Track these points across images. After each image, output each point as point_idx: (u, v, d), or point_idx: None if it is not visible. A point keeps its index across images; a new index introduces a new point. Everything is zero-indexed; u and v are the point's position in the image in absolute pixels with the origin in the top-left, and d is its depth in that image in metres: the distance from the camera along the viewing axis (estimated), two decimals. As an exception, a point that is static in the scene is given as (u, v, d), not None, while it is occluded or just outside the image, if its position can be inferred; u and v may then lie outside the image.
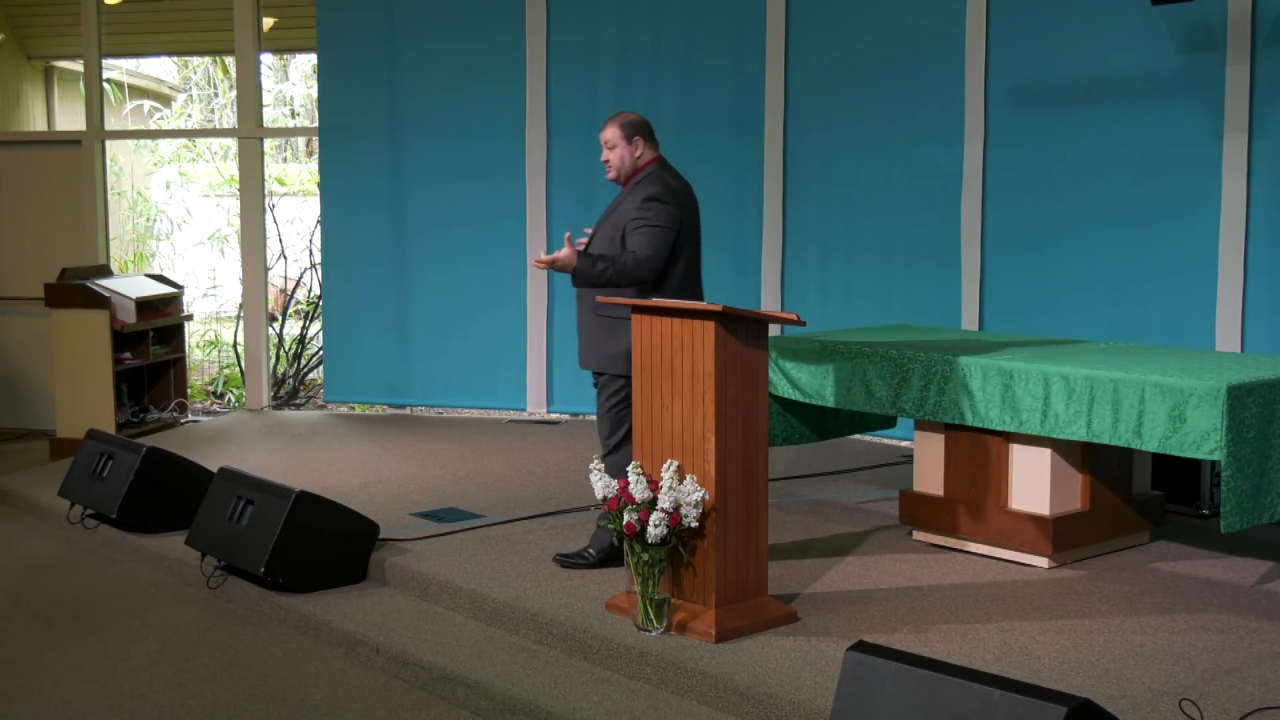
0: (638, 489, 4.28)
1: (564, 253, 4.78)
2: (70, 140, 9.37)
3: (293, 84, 13.52)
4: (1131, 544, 5.32)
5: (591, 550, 5.09)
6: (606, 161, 5.06)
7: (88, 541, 6.22)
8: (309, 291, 10.93)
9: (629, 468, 4.36)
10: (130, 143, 11.59)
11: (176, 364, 8.94)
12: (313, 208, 11.13)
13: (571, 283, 4.89)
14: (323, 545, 5.22)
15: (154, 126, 12.55)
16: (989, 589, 4.81)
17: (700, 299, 5.01)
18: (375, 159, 8.66)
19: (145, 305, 8.43)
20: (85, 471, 6.41)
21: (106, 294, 8.10)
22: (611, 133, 5.04)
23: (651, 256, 4.84)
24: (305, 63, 12.88)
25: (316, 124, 9.14)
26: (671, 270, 4.94)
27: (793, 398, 5.67)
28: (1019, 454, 5.08)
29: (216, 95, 13.02)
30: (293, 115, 13.31)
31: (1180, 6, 6.37)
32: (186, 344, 9.35)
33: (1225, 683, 3.86)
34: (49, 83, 10.51)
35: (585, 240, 5.11)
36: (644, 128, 5.06)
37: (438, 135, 8.58)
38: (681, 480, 4.26)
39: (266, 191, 9.62)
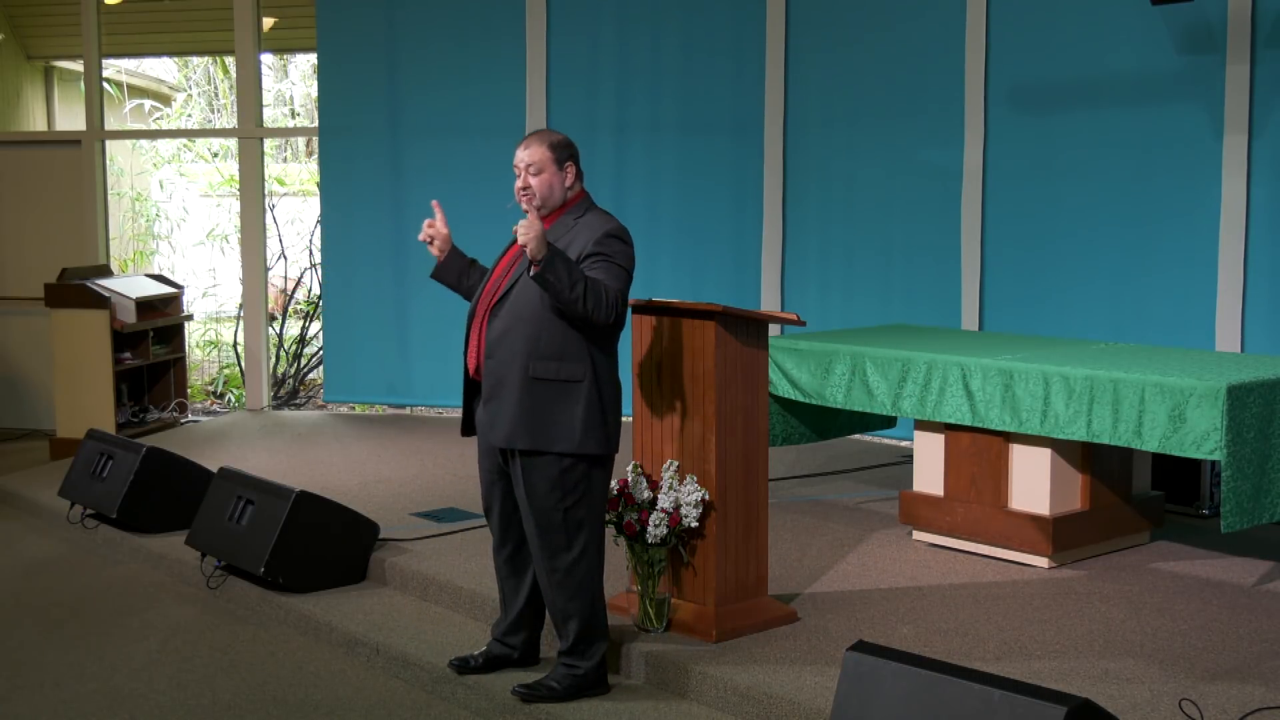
0: (638, 489, 4.28)
1: (536, 223, 3.72)
2: (70, 140, 9.37)
3: (293, 84, 13.51)
4: (1131, 544, 5.31)
5: (555, 684, 4.06)
6: (525, 189, 3.96)
7: (88, 541, 6.22)
8: (309, 291, 10.92)
9: (628, 468, 4.36)
10: (129, 142, 11.59)
11: (176, 364, 8.94)
12: (313, 208, 11.12)
13: (530, 273, 3.77)
14: (323, 545, 5.22)
15: (154, 126, 12.54)
16: (989, 589, 4.81)
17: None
18: (375, 159, 8.65)
19: (145, 305, 8.43)
20: (85, 471, 6.41)
21: (106, 294, 8.09)
22: (539, 153, 3.95)
23: (623, 293, 3.90)
24: (305, 63, 12.87)
25: (316, 124, 9.14)
26: (618, 332, 4.00)
27: (793, 398, 5.67)
28: (1019, 454, 5.08)
29: (217, 95, 13.01)
30: (293, 115, 13.30)
31: (1180, 6, 6.37)
32: (186, 344, 9.35)
33: (1225, 683, 3.86)
34: (49, 83, 10.50)
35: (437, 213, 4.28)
36: (576, 153, 4.04)
37: (438, 135, 8.58)
38: (681, 480, 4.26)
39: (266, 191, 9.62)
